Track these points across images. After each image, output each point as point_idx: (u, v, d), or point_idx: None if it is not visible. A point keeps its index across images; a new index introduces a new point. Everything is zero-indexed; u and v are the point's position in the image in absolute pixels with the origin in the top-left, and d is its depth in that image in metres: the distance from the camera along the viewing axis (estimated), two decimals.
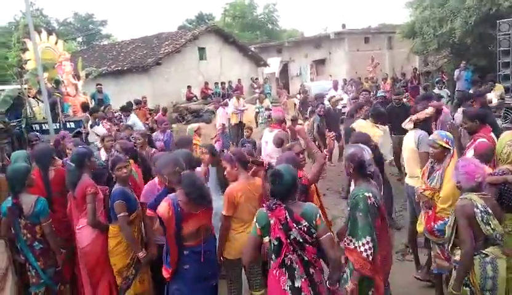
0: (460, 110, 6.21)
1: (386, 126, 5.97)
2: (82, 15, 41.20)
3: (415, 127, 4.65)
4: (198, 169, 4.18)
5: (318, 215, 2.72)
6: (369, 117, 5.98)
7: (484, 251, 2.90)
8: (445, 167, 3.65)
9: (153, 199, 3.42)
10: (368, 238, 2.81)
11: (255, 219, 2.81)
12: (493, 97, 9.47)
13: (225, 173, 3.70)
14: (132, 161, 4.35)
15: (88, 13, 41.68)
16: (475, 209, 2.86)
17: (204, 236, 3.24)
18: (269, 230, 2.70)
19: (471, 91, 9.94)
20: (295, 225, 2.65)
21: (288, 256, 2.70)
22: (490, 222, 2.85)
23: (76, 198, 3.89)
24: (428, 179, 3.79)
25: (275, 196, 2.72)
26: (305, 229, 2.67)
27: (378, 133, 5.55)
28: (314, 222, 2.68)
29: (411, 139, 4.57)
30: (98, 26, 41.85)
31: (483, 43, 13.73)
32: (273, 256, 2.74)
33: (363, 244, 2.83)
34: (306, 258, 2.71)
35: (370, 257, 2.82)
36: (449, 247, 3.12)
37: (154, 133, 7.68)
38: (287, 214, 2.65)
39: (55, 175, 4.30)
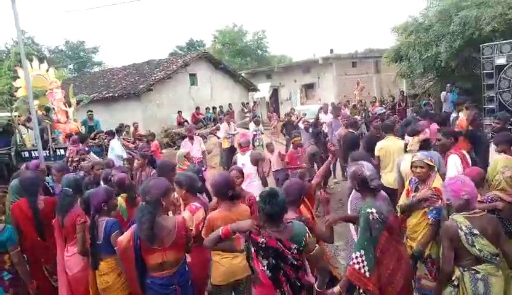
0: None
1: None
2: (73, 42, 41.46)
3: (423, 148, 4.68)
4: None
5: (307, 234, 2.76)
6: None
7: (474, 268, 2.91)
8: (430, 184, 3.74)
9: None
10: (358, 253, 2.90)
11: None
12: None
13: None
14: (124, 196, 4.26)
15: (80, 40, 41.98)
16: (459, 231, 2.89)
17: (170, 270, 3.05)
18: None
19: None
20: (288, 252, 2.67)
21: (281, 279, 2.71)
22: (475, 243, 2.86)
23: (64, 226, 3.82)
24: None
25: (270, 217, 2.66)
26: (295, 252, 2.69)
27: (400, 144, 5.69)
28: (303, 242, 2.71)
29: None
30: (89, 54, 42.09)
31: (467, 66, 14.07)
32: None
33: (355, 258, 2.91)
34: (295, 280, 2.72)
35: (362, 270, 2.87)
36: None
37: None
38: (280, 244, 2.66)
39: (45, 206, 4.23)
